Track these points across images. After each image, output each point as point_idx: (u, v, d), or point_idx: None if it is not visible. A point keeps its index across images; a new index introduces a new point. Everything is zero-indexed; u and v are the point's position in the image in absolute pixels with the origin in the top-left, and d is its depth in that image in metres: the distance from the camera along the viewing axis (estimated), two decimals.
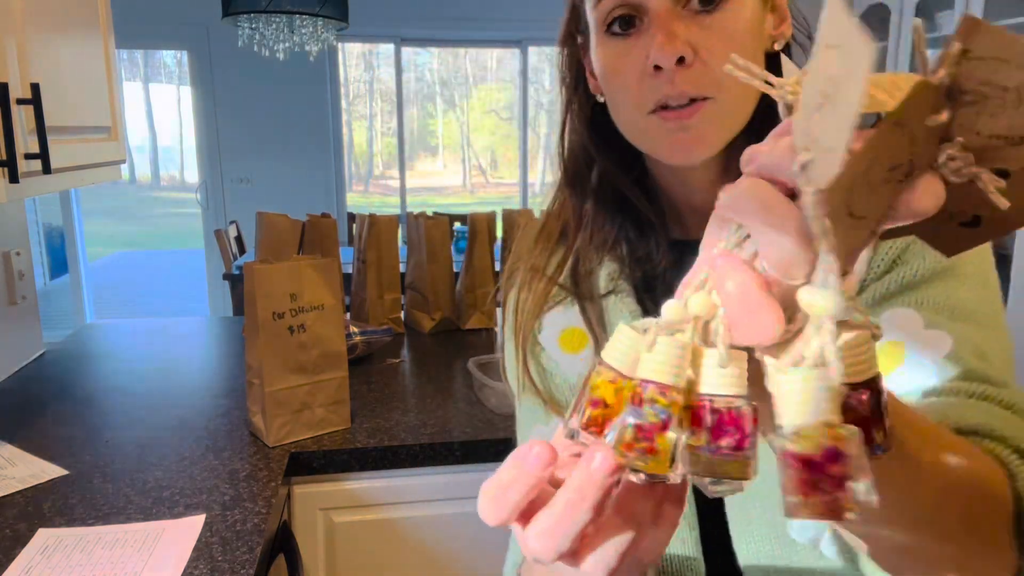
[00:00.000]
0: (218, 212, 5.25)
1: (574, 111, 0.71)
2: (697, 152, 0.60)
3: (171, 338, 2.04)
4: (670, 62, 0.56)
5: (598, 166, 0.71)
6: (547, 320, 0.72)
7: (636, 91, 0.60)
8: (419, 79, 9.13)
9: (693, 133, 0.59)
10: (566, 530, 0.30)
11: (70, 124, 1.32)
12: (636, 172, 0.71)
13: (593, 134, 0.70)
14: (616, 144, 0.67)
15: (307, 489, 1.31)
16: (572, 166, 0.72)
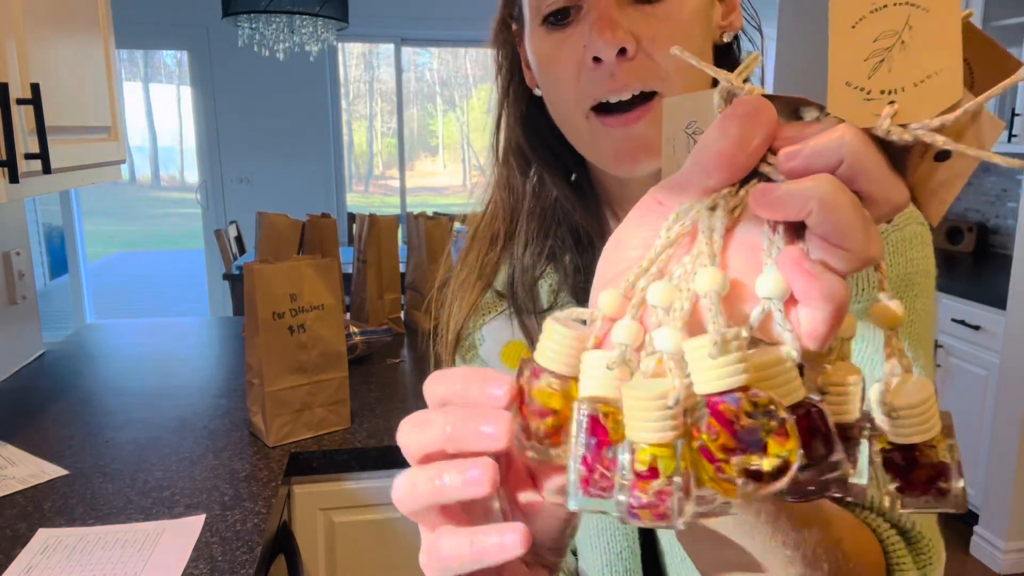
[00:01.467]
0: (218, 212, 5.25)
1: (508, 105, 0.65)
2: (644, 162, 0.55)
3: (171, 338, 2.04)
4: (611, 53, 0.51)
5: (534, 167, 0.65)
6: (487, 332, 0.66)
7: (574, 86, 0.55)
8: (419, 79, 9.14)
9: (640, 140, 0.54)
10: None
11: (70, 124, 1.32)
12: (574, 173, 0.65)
13: (529, 132, 0.64)
14: (553, 142, 0.62)
15: (307, 489, 1.31)
16: (505, 167, 0.67)
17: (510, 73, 0.65)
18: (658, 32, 0.52)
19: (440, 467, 0.31)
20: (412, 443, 0.33)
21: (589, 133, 0.56)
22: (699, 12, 0.55)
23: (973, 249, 3.40)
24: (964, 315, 2.76)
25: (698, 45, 0.55)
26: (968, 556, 2.69)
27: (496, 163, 0.67)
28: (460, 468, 0.30)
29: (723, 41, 0.59)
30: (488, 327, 0.67)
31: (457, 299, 0.68)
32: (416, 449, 0.32)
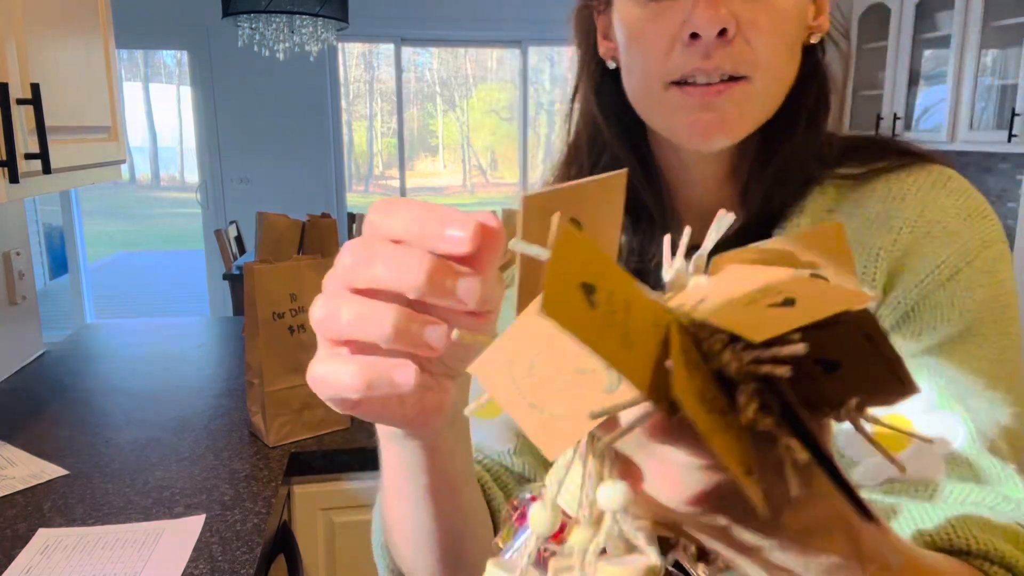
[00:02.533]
0: (218, 212, 5.25)
1: (585, 76, 0.65)
2: (718, 137, 0.54)
3: (171, 338, 2.04)
4: (712, 32, 0.51)
5: (603, 140, 0.65)
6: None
7: (663, 59, 0.53)
8: (419, 79, 9.13)
9: (717, 114, 0.53)
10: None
11: (70, 124, 1.32)
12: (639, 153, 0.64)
13: (602, 102, 0.64)
14: (624, 115, 0.61)
15: (307, 489, 1.31)
16: (575, 139, 0.66)
17: (588, 42, 0.64)
18: (759, 18, 0.52)
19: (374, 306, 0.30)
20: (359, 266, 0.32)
21: (666, 103, 0.55)
22: (799, 7, 0.54)
23: None
24: None
25: (792, 38, 0.55)
26: None
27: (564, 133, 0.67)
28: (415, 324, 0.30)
29: (809, 41, 0.58)
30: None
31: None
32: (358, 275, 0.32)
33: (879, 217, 0.56)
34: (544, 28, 5.40)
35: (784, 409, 0.23)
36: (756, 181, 0.59)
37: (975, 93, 3.10)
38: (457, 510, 0.49)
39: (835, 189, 0.59)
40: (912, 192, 0.56)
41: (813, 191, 0.58)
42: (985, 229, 0.55)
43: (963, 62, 3.11)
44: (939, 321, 0.53)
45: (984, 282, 0.53)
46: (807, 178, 0.59)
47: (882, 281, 0.54)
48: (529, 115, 6.00)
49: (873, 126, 3.68)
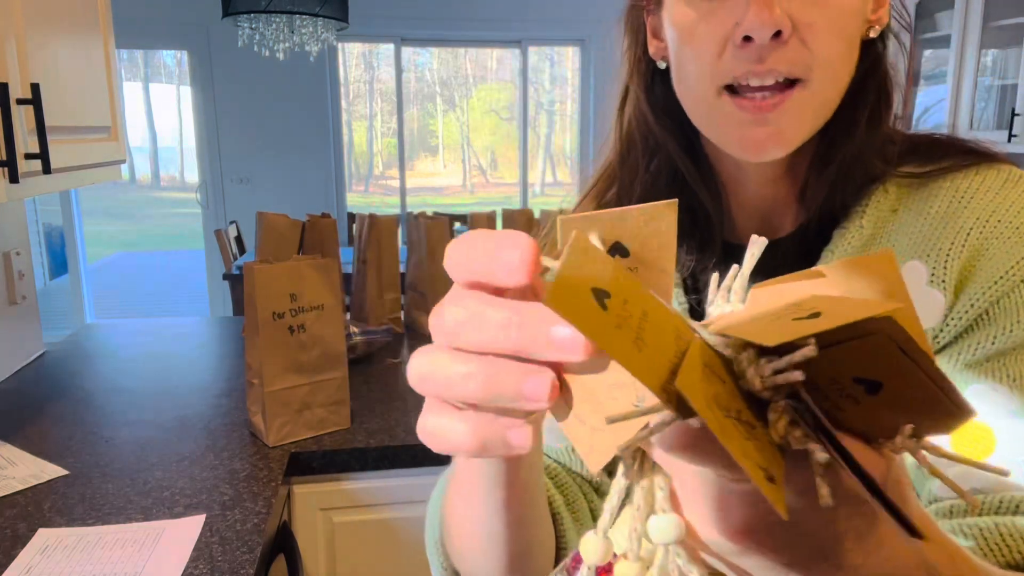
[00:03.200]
0: (218, 212, 5.25)
1: (636, 76, 0.63)
2: (772, 151, 0.53)
3: (171, 338, 2.04)
4: (766, 35, 0.49)
5: (655, 140, 0.63)
6: None
7: (714, 61, 0.52)
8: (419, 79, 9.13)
9: (772, 128, 0.52)
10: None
11: (70, 124, 1.32)
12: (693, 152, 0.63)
13: (653, 103, 0.62)
14: (677, 115, 0.60)
15: (307, 489, 1.31)
16: (627, 139, 0.64)
17: (638, 41, 0.62)
18: (816, 19, 0.50)
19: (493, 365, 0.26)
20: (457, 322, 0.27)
21: (719, 112, 0.53)
22: (858, 2, 0.52)
23: None
24: None
25: (851, 36, 0.53)
26: None
27: (617, 130, 0.65)
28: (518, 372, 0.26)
29: (869, 36, 0.56)
30: None
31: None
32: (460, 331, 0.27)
33: (946, 217, 0.54)
34: (544, 28, 5.40)
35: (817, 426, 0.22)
36: (817, 181, 0.58)
37: (975, 93, 3.10)
38: (529, 520, 0.49)
39: (897, 188, 0.57)
40: (980, 192, 0.54)
41: (875, 191, 0.57)
42: None
43: (963, 62, 3.11)
44: (1014, 324, 0.50)
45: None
46: (869, 177, 0.57)
47: (953, 283, 0.52)
48: (529, 115, 6.00)
49: None
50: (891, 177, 0.57)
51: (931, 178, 0.56)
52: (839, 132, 0.57)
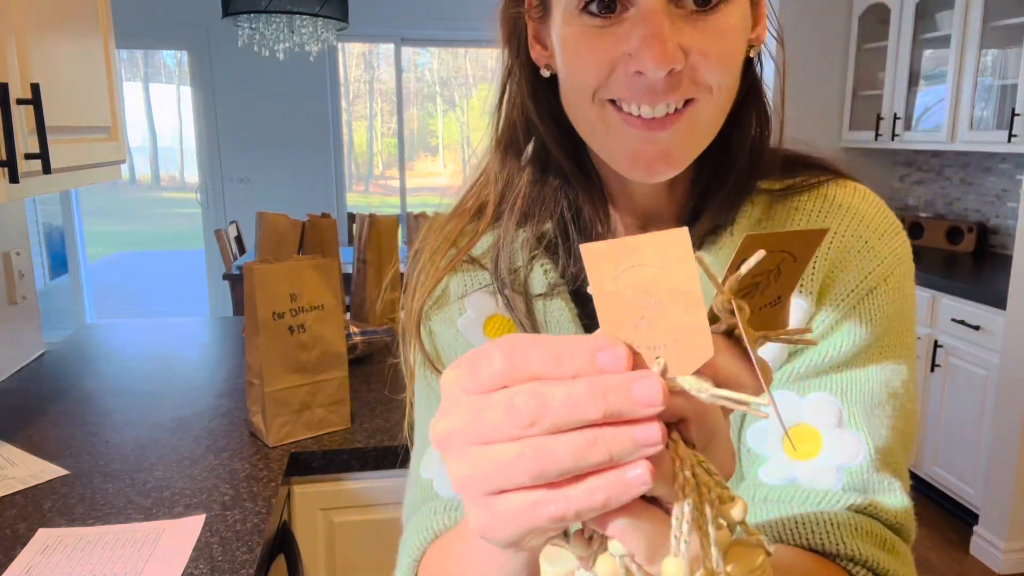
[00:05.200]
0: (218, 212, 5.25)
1: (515, 79, 0.61)
2: (661, 171, 0.53)
3: (171, 338, 2.04)
4: (660, 75, 0.48)
5: (540, 145, 0.62)
6: (471, 303, 0.63)
7: (599, 82, 0.51)
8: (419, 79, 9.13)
9: (661, 147, 0.51)
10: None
11: (70, 124, 1.32)
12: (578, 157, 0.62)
13: (538, 105, 0.60)
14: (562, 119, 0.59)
15: (307, 489, 1.31)
16: (506, 141, 0.63)
17: (517, 43, 0.60)
18: (709, 47, 0.49)
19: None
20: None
21: (604, 127, 0.53)
22: (744, 23, 0.52)
23: (973, 249, 3.40)
24: (964, 315, 2.76)
25: (739, 57, 0.53)
26: (968, 556, 2.69)
27: (495, 136, 0.64)
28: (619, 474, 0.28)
29: (748, 55, 0.56)
30: (472, 298, 0.64)
31: (426, 269, 0.66)
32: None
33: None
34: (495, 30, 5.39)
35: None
36: (703, 199, 0.60)
37: (975, 93, 3.10)
38: None
39: (762, 202, 0.60)
40: (835, 207, 0.58)
41: (744, 203, 0.60)
42: (898, 246, 0.58)
43: (963, 62, 3.11)
44: (855, 335, 0.56)
45: (894, 298, 0.57)
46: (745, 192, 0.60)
47: (815, 292, 0.57)
48: None
49: (873, 126, 3.68)
50: (756, 191, 0.60)
51: (789, 194, 0.60)
52: (723, 154, 0.59)
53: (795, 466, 0.56)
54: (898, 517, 0.55)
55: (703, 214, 0.60)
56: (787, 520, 0.54)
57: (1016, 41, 2.99)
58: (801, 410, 0.56)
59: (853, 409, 0.56)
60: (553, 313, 0.61)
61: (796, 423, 0.56)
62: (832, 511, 0.54)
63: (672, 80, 0.49)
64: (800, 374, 0.57)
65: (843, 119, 3.87)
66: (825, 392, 0.56)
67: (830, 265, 0.57)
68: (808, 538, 0.53)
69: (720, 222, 0.59)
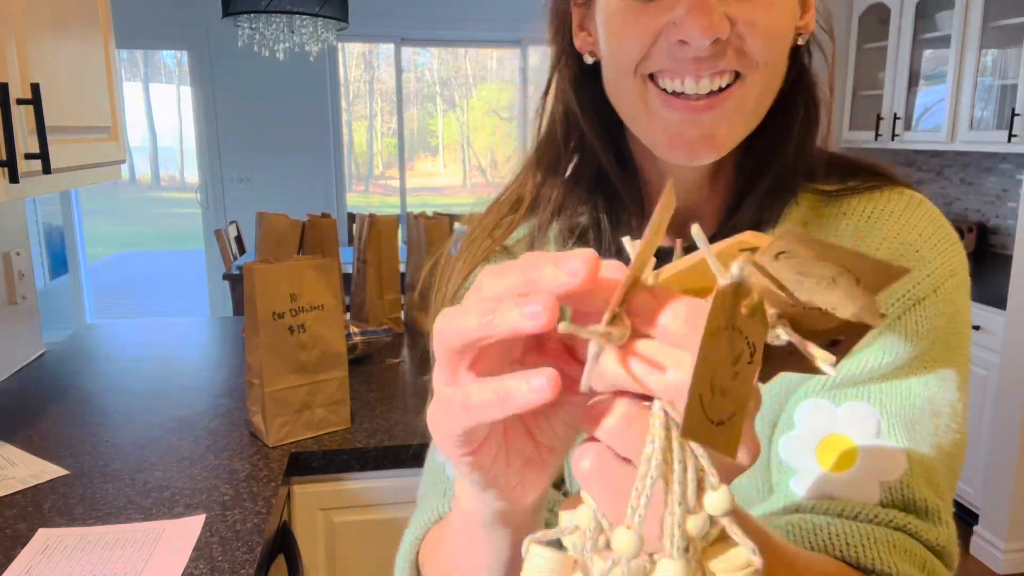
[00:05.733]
0: (218, 212, 5.25)
1: (560, 68, 0.61)
2: (703, 154, 0.51)
3: (171, 338, 2.04)
4: (704, 44, 0.47)
5: (580, 136, 0.61)
6: None
7: (641, 55, 0.50)
8: (419, 79, 9.13)
9: (704, 130, 0.50)
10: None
11: (70, 124, 1.32)
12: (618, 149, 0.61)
13: (580, 96, 0.60)
14: (604, 111, 0.59)
15: (307, 489, 1.31)
16: (549, 134, 0.63)
17: (564, 36, 0.60)
18: (757, 17, 0.48)
19: (495, 302, 0.29)
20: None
21: (645, 108, 0.51)
22: (792, 4, 0.51)
23: (973, 249, 3.40)
24: None
25: (787, 40, 0.52)
26: (968, 556, 2.69)
27: (536, 128, 0.64)
28: (518, 303, 0.28)
29: (796, 43, 0.54)
30: None
31: (463, 257, 0.65)
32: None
33: (855, 236, 0.56)
34: (544, 28, 5.39)
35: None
36: (747, 194, 0.58)
37: (975, 93, 3.10)
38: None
39: (808, 203, 0.58)
40: (885, 214, 0.56)
41: (789, 203, 0.58)
42: (952, 258, 0.55)
43: (963, 62, 3.11)
44: (899, 347, 0.53)
45: (944, 311, 0.54)
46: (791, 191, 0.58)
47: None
48: (529, 115, 5.96)
49: (873, 126, 3.68)
50: (802, 192, 0.58)
51: (839, 196, 0.58)
52: (769, 145, 0.57)
53: (829, 478, 0.52)
54: (940, 540, 0.52)
55: (739, 211, 0.58)
56: (820, 530, 0.51)
57: (1016, 41, 2.99)
58: (836, 420, 0.53)
59: (892, 422, 0.53)
60: None
61: (830, 433, 0.53)
62: (869, 525, 0.51)
63: (716, 49, 0.48)
64: (836, 383, 0.54)
65: (843, 119, 3.87)
66: (863, 402, 0.53)
67: None
68: (842, 550, 0.50)
69: (762, 218, 0.57)
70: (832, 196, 0.58)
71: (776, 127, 0.56)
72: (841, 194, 0.58)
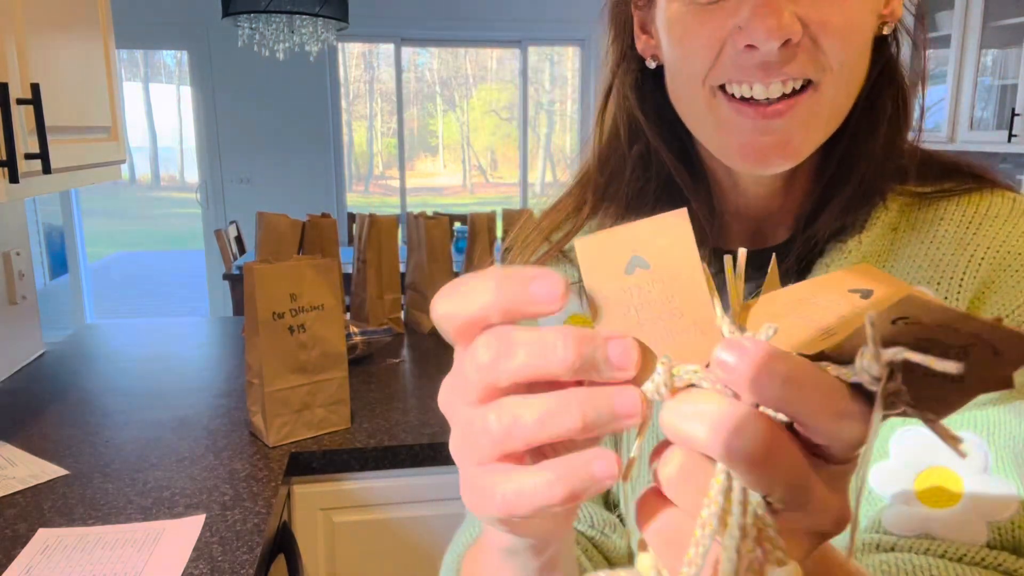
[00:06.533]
0: (218, 212, 5.25)
1: (621, 72, 0.58)
2: (777, 162, 0.48)
3: (171, 338, 2.04)
4: (773, 46, 0.43)
5: (644, 142, 0.58)
6: None
7: (708, 64, 0.47)
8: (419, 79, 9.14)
9: (778, 137, 0.47)
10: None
11: (70, 124, 1.32)
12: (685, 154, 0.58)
13: (642, 100, 0.57)
14: (668, 115, 0.56)
15: (307, 489, 1.31)
16: (610, 141, 0.60)
17: (624, 37, 0.57)
18: (831, 17, 0.44)
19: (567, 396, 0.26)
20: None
21: (713, 118, 0.49)
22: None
23: None
24: None
25: (867, 35, 0.48)
26: None
27: (598, 132, 0.61)
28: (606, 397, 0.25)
29: (881, 32, 0.50)
30: None
31: (517, 260, 0.63)
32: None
33: (955, 242, 0.51)
34: (544, 28, 5.40)
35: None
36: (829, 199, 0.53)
37: (975, 93, 3.10)
38: None
39: (898, 206, 0.53)
40: (989, 219, 0.51)
41: (877, 206, 0.53)
42: None
43: (963, 62, 3.12)
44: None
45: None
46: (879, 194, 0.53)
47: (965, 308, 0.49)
48: (529, 115, 6.00)
49: None
50: (892, 194, 0.53)
51: (934, 199, 0.53)
52: (853, 146, 0.53)
53: (930, 515, 0.47)
54: None
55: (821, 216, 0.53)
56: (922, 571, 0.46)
57: (1016, 41, 2.99)
58: (938, 451, 0.47)
59: (1001, 453, 0.47)
60: None
61: (931, 465, 0.48)
62: (976, 568, 0.46)
63: (787, 53, 0.44)
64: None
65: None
66: (968, 431, 0.47)
67: (980, 284, 0.49)
68: None
69: (846, 224, 0.52)
70: (926, 199, 0.53)
71: (861, 126, 0.52)
72: (936, 196, 0.53)
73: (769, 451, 0.24)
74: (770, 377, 0.23)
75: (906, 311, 0.22)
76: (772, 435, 0.24)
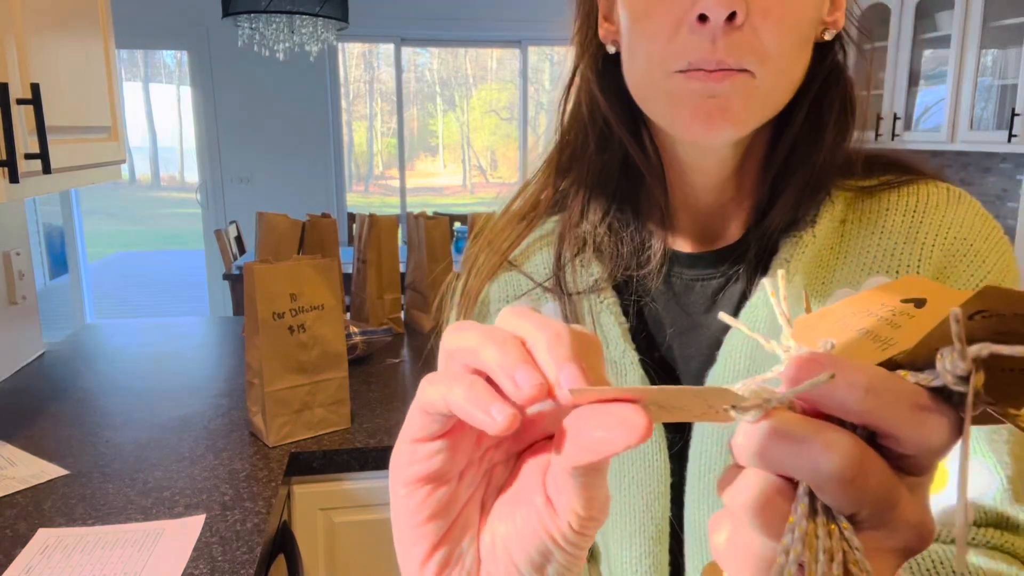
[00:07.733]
0: (218, 212, 5.25)
1: (586, 59, 0.60)
2: (722, 126, 0.50)
3: (171, 338, 2.04)
4: (721, 14, 0.46)
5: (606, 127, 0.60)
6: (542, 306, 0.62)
7: (667, 43, 0.50)
8: (419, 79, 9.14)
9: (721, 100, 0.49)
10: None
11: (70, 124, 1.32)
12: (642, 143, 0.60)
13: (605, 87, 0.59)
14: (625, 107, 0.58)
15: (307, 489, 1.31)
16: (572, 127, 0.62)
17: (589, 27, 0.59)
18: (772, 6, 0.48)
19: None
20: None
21: (666, 91, 0.51)
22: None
23: None
24: None
25: (804, 32, 0.51)
26: None
27: (559, 115, 0.63)
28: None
29: (823, 38, 0.54)
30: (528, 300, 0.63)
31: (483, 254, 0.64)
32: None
33: (903, 230, 0.54)
34: (544, 28, 5.39)
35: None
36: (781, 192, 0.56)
37: (975, 93, 3.10)
38: None
39: (844, 200, 0.56)
40: (931, 207, 0.54)
41: (824, 200, 0.56)
42: (1005, 251, 0.54)
43: (963, 62, 3.12)
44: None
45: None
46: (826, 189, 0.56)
47: None
48: (529, 115, 5.99)
49: (873, 126, 3.68)
50: (837, 189, 0.56)
51: (877, 191, 0.56)
52: (799, 144, 0.56)
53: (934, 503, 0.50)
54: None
55: (772, 212, 0.56)
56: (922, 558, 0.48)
57: (1016, 41, 2.99)
58: None
59: (977, 435, 0.50)
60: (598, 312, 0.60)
61: None
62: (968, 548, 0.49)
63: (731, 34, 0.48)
64: None
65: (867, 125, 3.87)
66: None
67: (935, 271, 0.52)
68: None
69: (797, 218, 0.55)
70: (870, 192, 0.56)
71: (807, 125, 0.55)
72: (879, 189, 0.56)
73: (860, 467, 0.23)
74: (850, 389, 0.23)
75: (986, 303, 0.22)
76: (860, 450, 0.23)
